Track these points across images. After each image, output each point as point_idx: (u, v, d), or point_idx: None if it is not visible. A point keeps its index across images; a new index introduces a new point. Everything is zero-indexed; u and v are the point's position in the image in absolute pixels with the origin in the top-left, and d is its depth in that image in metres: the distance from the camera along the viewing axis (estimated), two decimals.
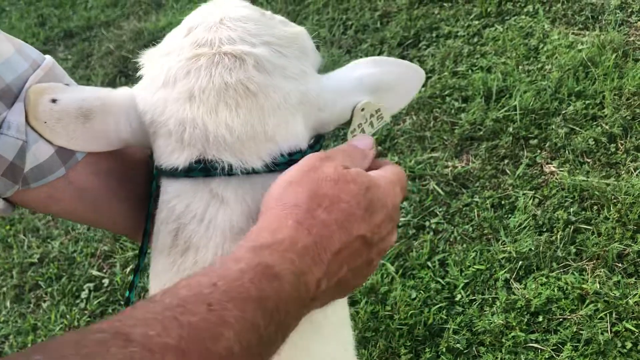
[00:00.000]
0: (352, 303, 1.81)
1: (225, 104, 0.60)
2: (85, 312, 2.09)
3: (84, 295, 2.14)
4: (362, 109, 0.67)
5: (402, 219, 2.05)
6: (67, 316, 2.08)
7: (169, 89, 0.62)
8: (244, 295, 0.43)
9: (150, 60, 0.67)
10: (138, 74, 0.68)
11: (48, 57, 0.65)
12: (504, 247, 1.85)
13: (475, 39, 2.76)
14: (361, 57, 2.83)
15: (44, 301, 2.18)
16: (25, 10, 4.33)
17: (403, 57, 2.81)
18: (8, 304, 2.23)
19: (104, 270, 2.22)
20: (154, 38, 3.51)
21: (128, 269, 2.19)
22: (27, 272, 2.31)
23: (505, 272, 1.78)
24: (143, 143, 0.66)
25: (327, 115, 0.66)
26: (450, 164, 2.20)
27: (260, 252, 0.47)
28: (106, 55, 3.47)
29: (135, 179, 0.70)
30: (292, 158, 0.62)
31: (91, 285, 2.17)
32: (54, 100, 0.62)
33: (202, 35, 0.63)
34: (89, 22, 3.92)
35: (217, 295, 0.42)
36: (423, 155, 2.26)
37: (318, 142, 0.67)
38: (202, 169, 0.61)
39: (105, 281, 2.17)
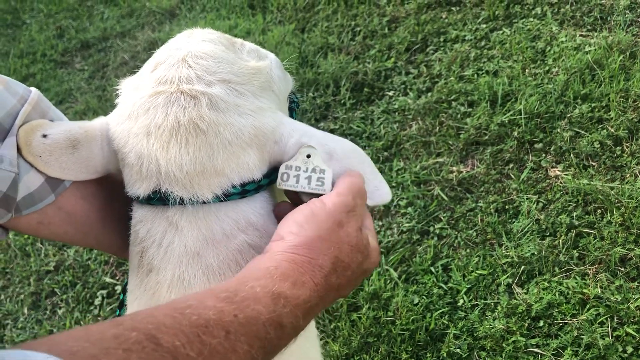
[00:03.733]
0: (355, 309, 1.83)
1: (176, 141, 0.64)
2: (99, 318, 2.15)
3: (97, 302, 2.20)
4: (308, 155, 0.69)
5: (406, 225, 2.07)
6: (82, 322, 2.14)
7: (132, 122, 0.66)
8: (255, 334, 0.50)
9: (125, 90, 0.71)
10: (115, 102, 0.72)
11: (34, 90, 0.69)
12: (507, 252, 1.85)
13: (483, 43, 2.77)
14: (368, 62, 2.87)
15: (60, 308, 2.25)
16: (45, 22, 4.44)
17: (411, 62, 2.83)
18: (26, 310, 2.30)
19: (117, 278, 2.28)
20: None
21: None
22: (43, 280, 2.38)
23: (507, 277, 1.79)
24: (119, 169, 0.70)
25: (281, 148, 0.69)
26: (455, 168, 2.21)
27: (278, 302, 0.54)
28: (121, 66, 3.55)
29: (120, 199, 0.73)
30: (244, 189, 0.66)
31: (104, 292, 2.23)
32: (44, 135, 0.67)
33: (164, 73, 0.67)
34: (105, 33, 4.01)
35: (236, 326, 0.49)
36: (428, 161, 2.28)
37: (274, 171, 0.70)
38: (159, 199, 0.65)
39: (118, 288, 2.23)
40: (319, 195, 0.68)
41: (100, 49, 3.87)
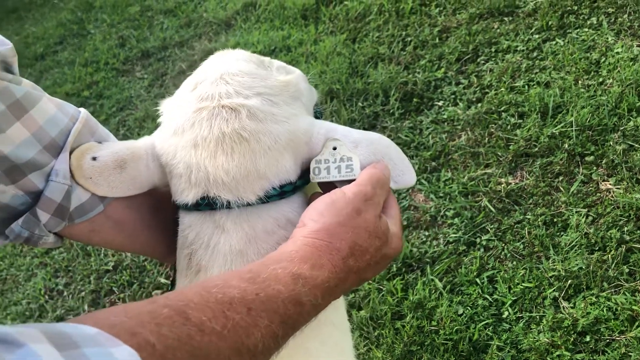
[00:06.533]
0: (399, 317, 1.86)
1: (223, 150, 0.70)
2: None
3: None
4: (334, 148, 0.74)
5: (452, 235, 2.08)
6: None
7: (179, 137, 0.73)
8: (275, 310, 0.55)
9: (166, 110, 0.77)
10: (157, 121, 0.79)
11: (82, 110, 0.77)
12: (554, 266, 1.84)
13: (535, 54, 2.75)
14: (418, 72, 2.89)
15: None
16: (107, 32, 4.65)
17: (461, 73, 2.84)
18: (86, 307, 2.43)
19: (171, 279, 2.38)
20: None
21: None
22: (103, 279, 2.51)
23: (554, 290, 1.78)
24: (165, 182, 0.77)
25: (312, 147, 0.75)
26: (503, 180, 2.21)
27: (297, 281, 0.59)
28: (179, 75, 3.69)
29: (164, 209, 0.80)
30: (283, 190, 0.72)
31: (159, 292, 2.33)
32: (94, 158, 0.73)
33: (205, 90, 0.73)
34: (164, 42, 4.17)
35: (257, 303, 0.54)
36: (477, 172, 2.28)
37: (307, 172, 0.76)
38: (207, 204, 0.71)
39: None
40: (350, 181, 0.72)
41: (159, 58, 4.03)
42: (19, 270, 2.84)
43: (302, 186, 0.76)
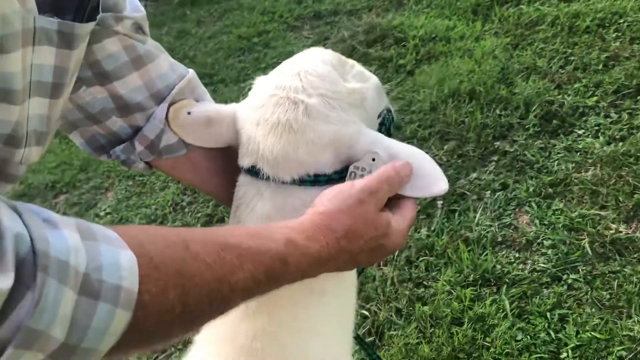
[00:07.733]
0: (459, 324, 1.92)
1: (274, 134, 0.84)
2: None
3: None
4: (373, 159, 0.84)
5: (541, 264, 2.06)
6: None
7: (252, 112, 0.88)
8: (261, 262, 0.67)
9: (256, 85, 0.92)
10: (248, 92, 0.94)
11: (191, 71, 0.94)
12: (632, 326, 1.78)
13: None
14: (569, 95, 2.78)
15: None
16: None
17: (614, 106, 2.69)
18: (199, 226, 2.75)
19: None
20: (383, 35, 3.80)
21: None
22: (219, 207, 2.82)
23: (622, 349, 1.72)
24: (236, 144, 0.93)
25: (354, 152, 0.86)
26: (614, 226, 2.12)
27: (289, 245, 0.69)
28: (339, 42, 3.86)
29: (232, 164, 0.96)
30: (316, 179, 0.85)
31: None
32: (189, 113, 0.92)
33: (282, 80, 0.87)
34: (337, 7, 4.36)
35: (247, 253, 0.65)
36: (590, 210, 2.21)
37: (346, 170, 0.86)
38: (254, 172, 0.86)
39: None
40: None
41: (328, 22, 4.23)
42: (157, 180, 3.26)
43: (336, 179, 0.86)
